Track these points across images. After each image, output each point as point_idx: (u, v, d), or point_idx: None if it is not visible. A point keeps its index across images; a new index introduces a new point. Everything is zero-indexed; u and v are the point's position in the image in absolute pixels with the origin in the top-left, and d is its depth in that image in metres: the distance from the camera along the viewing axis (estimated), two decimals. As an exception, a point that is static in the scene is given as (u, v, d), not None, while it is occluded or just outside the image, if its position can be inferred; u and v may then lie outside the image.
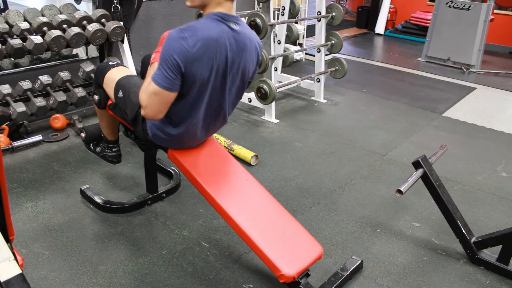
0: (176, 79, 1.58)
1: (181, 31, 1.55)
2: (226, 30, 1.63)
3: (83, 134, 2.36)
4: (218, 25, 1.62)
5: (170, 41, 1.55)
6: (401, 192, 1.88)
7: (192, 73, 1.59)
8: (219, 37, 1.61)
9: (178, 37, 1.54)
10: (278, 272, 1.67)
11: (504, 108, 4.18)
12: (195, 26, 1.58)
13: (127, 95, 1.91)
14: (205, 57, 1.58)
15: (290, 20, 3.97)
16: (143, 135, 1.93)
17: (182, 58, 1.54)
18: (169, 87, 1.58)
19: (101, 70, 2.07)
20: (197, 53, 1.55)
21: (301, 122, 3.60)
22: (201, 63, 1.58)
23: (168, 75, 1.56)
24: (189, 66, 1.56)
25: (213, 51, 1.59)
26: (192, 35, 1.55)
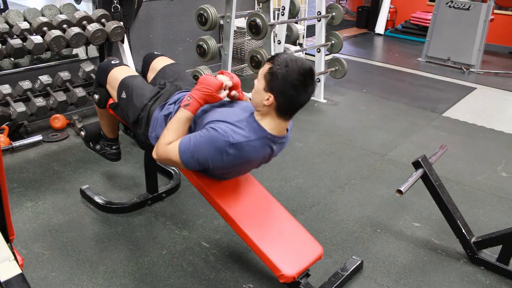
0: (196, 167, 1.61)
1: (229, 146, 1.51)
2: (268, 152, 1.64)
3: (83, 132, 2.36)
4: (264, 150, 1.62)
5: (212, 144, 1.52)
6: (401, 192, 1.88)
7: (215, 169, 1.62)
8: (257, 159, 1.64)
9: (223, 149, 1.52)
10: (278, 272, 1.67)
11: (504, 108, 4.18)
12: (246, 148, 1.55)
13: (130, 97, 1.90)
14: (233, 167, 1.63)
15: (290, 20, 3.97)
16: (144, 139, 1.93)
17: (214, 164, 1.57)
18: (186, 165, 1.60)
19: (103, 69, 2.05)
20: (228, 164, 1.58)
21: (301, 122, 3.60)
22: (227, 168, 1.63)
23: (194, 162, 1.57)
24: (214, 167, 1.60)
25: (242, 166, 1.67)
26: (236, 157, 1.55)
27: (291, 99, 1.53)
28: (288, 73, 1.49)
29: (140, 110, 1.86)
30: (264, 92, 1.53)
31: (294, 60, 1.50)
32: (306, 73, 1.51)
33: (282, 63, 1.49)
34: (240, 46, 4.65)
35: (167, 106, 1.81)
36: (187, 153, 1.56)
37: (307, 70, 1.51)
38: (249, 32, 3.40)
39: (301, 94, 1.53)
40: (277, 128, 1.60)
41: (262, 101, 1.54)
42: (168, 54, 2.43)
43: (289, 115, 1.61)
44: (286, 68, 1.49)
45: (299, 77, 1.49)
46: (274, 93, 1.51)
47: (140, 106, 1.86)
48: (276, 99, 1.52)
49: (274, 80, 1.50)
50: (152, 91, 1.91)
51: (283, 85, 1.50)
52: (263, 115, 1.58)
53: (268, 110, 1.56)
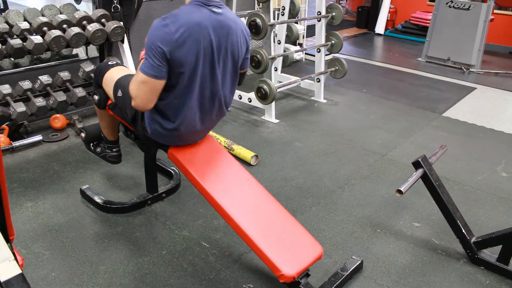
0: (162, 66, 1.60)
1: (163, 19, 1.59)
2: (208, 13, 1.66)
3: (83, 134, 2.36)
4: (199, 10, 1.65)
5: (153, 30, 1.60)
6: (401, 192, 1.88)
7: (177, 58, 1.61)
8: (201, 20, 1.64)
9: (161, 25, 1.58)
10: (278, 272, 1.67)
11: (504, 108, 4.18)
12: (177, 12, 1.62)
13: (127, 94, 1.91)
14: (189, 41, 1.60)
15: (290, 20, 3.97)
16: (143, 133, 1.93)
17: (166, 44, 1.57)
18: (156, 75, 1.61)
19: (100, 70, 2.08)
20: (180, 38, 1.58)
21: (301, 122, 3.60)
22: (185, 48, 1.61)
23: (154, 63, 1.59)
24: (174, 52, 1.59)
25: (196, 35, 1.62)
26: (174, 21, 1.59)
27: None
28: None
29: None
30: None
31: None
32: None
33: None
34: (240, 46, 4.64)
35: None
36: (145, 62, 1.60)
37: None
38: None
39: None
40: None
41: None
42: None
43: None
44: None
45: None
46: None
47: None
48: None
49: None
50: None
51: None
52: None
53: None
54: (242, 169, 2.02)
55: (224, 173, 2.00)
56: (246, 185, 1.96)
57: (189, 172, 1.89)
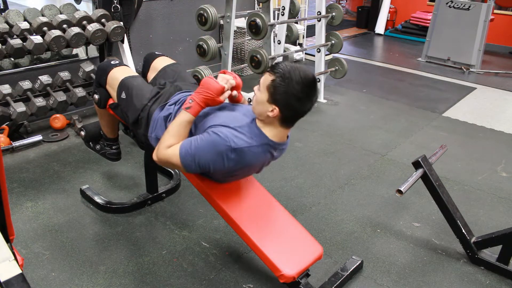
0: (198, 171, 1.61)
1: (231, 151, 1.51)
2: (268, 158, 1.65)
3: (82, 132, 2.36)
4: (265, 156, 1.62)
5: (213, 148, 1.52)
6: (401, 192, 1.88)
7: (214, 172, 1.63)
8: (258, 164, 1.66)
9: (224, 154, 1.52)
10: (278, 272, 1.67)
11: (504, 108, 4.18)
12: (247, 153, 1.55)
13: (130, 97, 1.90)
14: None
15: (290, 20, 3.97)
16: (144, 140, 1.93)
17: (214, 168, 1.56)
18: (187, 168, 1.59)
19: (103, 69, 2.05)
20: (229, 168, 1.58)
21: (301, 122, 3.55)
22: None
23: (195, 165, 1.57)
24: (216, 171, 1.61)
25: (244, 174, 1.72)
26: (237, 162, 1.56)
27: (296, 110, 1.54)
28: (292, 85, 1.48)
29: (139, 111, 1.86)
30: (268, 104, 1.52)
31: (296, 70, 1.49)
32: (310, 83, 1.50)
33: (285, 74, 1.48)
34: (240, 46, 4.65)
35: (167, 107, 1.81)
36: (188, 156, 1.55)
37: (311, 80, 1.51)
38: (249, 32, 3.40)
39: (305, 104, 1.53)
40: (278, 135, 1.60)
41: (266, 112, 1.53)
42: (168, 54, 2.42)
43: (291, 124, 1.62)
44: (289, 80, 1.47)
45: (302, 89, 1.49)
46: (279, 106, 1.51)
47: (139, 107, 1.86)
48: (281, 112, 1.52)
49: (278, 92, 1.49)
50: (151, 91, 1.91)
51: (287, 97, 1.49)
52: (265, 123, 1.58)
53: (271, 120, 1.56)
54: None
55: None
56: (246, 185, 1.95)
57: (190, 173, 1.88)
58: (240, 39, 4.56)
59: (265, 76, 1.53)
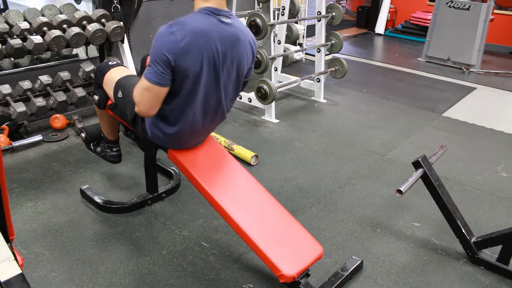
0: (166, 74, 1.59)
1: (170, 26, 1.57)
2: (216, 23, 1.64)
3: (83, 134, 2.36)
4: (207, 18, 1.63)
5: (159, 37, 1.57)
6: (401, 192, 1.88)
7: (182, 66, 1.59)
8: (209, 29, 1.62)
9: (167, 32, 1.56)
10: (278, 272, 1.67)
11: (504, 108, 4.18)
12: (184, 20, 1.60)
13: (127, 95, 1.91)
14: (194, 49, 1.59)
15: (290, 20, 3.97)
16: (143, 135, 1.93)
17: (171, 52, 1.56)
18: (159, 82, 1.60)
19: (101, 70, 2.07)
20: (186, 46, 1.57)
21: (301, 122, 3.60)
22: (190, 56, 1.59)
23: (158, 70, 1.58)
24: (178, 60, 1.57)
25: (202, 44, 1.60)
26: (181, 29, 1.57)
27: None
28: None
29: None
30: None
31: None
32: None
33: None
34: (240, 46, 4.64)
35: None
36: (149, 69, 1.59)
37: None
38: (249, 32, 3.40)
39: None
40: (213, 2, 1.65)
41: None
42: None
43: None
44: None
45: None
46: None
47: None
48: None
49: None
50: None
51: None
52: (201, 3, 1.66)
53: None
54: (242, 169, 2.02)
55: (224, 173, 2.00)
56: (246, 185, 1.96)
57: (189, 172, 1.89)
58: (240, 39, 4.55)
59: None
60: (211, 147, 2.06)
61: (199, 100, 1.72)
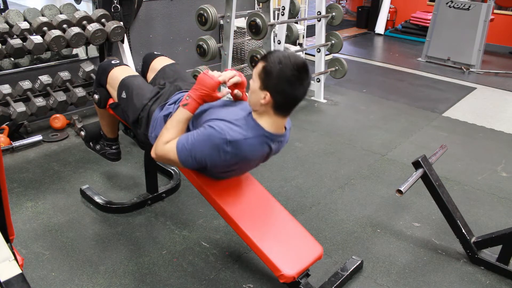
0: (195, 165, 1.60)
1: (226, 143, 1.51)
2: (266, 151, 1.64)
3: (82, 132, 2.37)
4: (262, 149, 1.61)
5: (209, 142, 1.52)
6: (401, 192, 1.88)
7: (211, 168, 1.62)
8: (257, 158, 1.64)
9: (220, 147, 1.51)
10: (278, 272, 1.67)
11: (504, 108, 4.18)
12: (243, 145, 1.54)
13: (130, 97, 1.90)
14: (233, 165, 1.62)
15: (290, 20, 3.97)
16: (144, 139, 1.93)
17: (212, 164, 1.57)
18: (184, 163, 1.60)
19: (103, 69, 2.05)
20: (226, 162, 1.57)
21: (301, 122, 3.60)
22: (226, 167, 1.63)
23: (192, 160, 1.57)
24: (213, 165, 1.59)
25: (243, 167, 1.68)
26: (234, 155, 1.54)
27: (288, 95, 1.53)
28: (282, 70, 1.48)
29: (140, 110, 1.86)
30: (260, 91, 1.52)
31: (287, 57, 1.50)
32: (300, 67, 1.50)
33: (275, 60, 1.49)
34: (240, 46, 4.65)
35: (167, 106, 1.81)
36: (184, 151, 1.56)
37: (301, 64, 1.50)
38: (249, 32, 3.40)
39: (297, 89, 1.53)
40: (274, 126, 1.60)
41: (259, 100, 1.53)
42: (168, 54, 2.43)
43: (286, 112, 1.61)
44: (279, 65, 1.48)
45: (293, 73, 1.49)
46: (270, 91, 1.51)
47: (140, 106, 1.86)
48: (273, 97, 1.52)
49: (269, 78, 1.50)
50: (152, 91, 1.91)
51: (278, 82, 1.49)
52: (260, 114, 1.58)
53: (265, 109, 1.56)
54: (242, 169, 2.02)
55: (224, 173, 1.99)
56: (246, 185, 1.95)
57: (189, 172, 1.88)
58: (240, 39, 4.56)
59: (258, 65, 1.55)
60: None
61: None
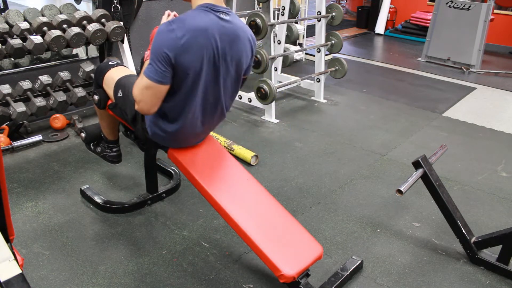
0: (167, 71, 1.59)
1: (169, 24, 1.57)
2: (216, 20, 1.64)
3: (83, 134, 2.37)
4: (206, 15, 1.63)
5: (159, 35, 1.57)
6: (401, 192, 1.88)
7: (182, 64, 1.59)
8: (208, 26, 1.62)
9: (167, 30, 1.56)
10: (278, 272, 1.67)
11: (504, 108, 4.18)
12: (183, 17, 1.60)
13: (127, 95, 1.91)
14: (194, 47, 1.59)
15: (290, 20, 3.97)
16: (143, 134, 1.93)
17: (171, 50, 1.56)
18: (160, 80, 1.60)
19: (101, 70, 2.07)
20: (186, 43, 1.57)
21: (301, 122, 3.60)
22: (191, 53, 1.59)
23: (159, 68, 1.57)
24: (179, 57, 1.57)
25: (202, 41, 1.60)
26: (180, 27, 1.57)
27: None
28: None
29: None
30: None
31: None
32: None
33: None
34: (240, 46, 4.64)
35: None
36: (150, 67, 1.59)
37: None
38: (249, 32, 3.40)
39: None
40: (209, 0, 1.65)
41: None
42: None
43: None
44: None
45: None
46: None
47: None
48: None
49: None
50: None
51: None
52: (194, 2, 1.67)
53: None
54: (242, 169, 2.02)
55: (224, 173, 2.00)
56: (246, 185, 1.96)
57: (189, 172, 1.89)
58: (240, 39, 4.55)
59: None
60: (211, 147, 2.06)
61: (198, 97, 1.72)
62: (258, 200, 1.92)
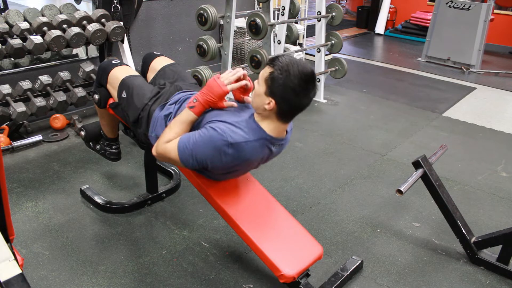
0: (195, 165, 1.59)
1: (228, 146, 1.51)
2: (267, 152, 1.63)
3: (83, 132, 2.37)
4: (263, 151, 1.61)
5: (211, 144, 1.51)
6: (401, 192, 1.88)
7: (217, 168, 1.62)
8: (256, 159, 1.63)
9: (221, 149, 1.51)
10: (278, 272, 1.67)
11: (504, 108, 4.18)
12: (244, 148, 1.53)
13: (130, 97, 1.90)
14: (233, 167, 1.62)
15: (290, 20, 3.97)
16: (144, 139, 1.93)
17: (212, 162, 1.55)
18: (185, 163, 1.59)
19: (104, 68, 2.05)
20: (227, 164, 1.57)
21: (301, 122, 3.59)
22: (227, 168, 1.62)
23: (193, 160, 1.56)
24: (214, 165, 1.58)
25: (242, 168, 1.67)
26: (235, 157, 1.54)
27: (293, 104, 1.52)
28: (289, 78, 1.47)
29: (140, 110, 1.86)
30: (265, 96, 1.52)
31: (295, 64, 1.48)
32: (308, 77, 1.49)
33: (283, 67, 1.47)
34: (240, 46, 4.65)
35: (167, 106, 1.81)
36: (186, 151, 1.55)
37: (309, 74, 1.49)
38: (249, 32, 3.40)
39: (303, 99, 1.52)
40: (276, 130, 1.59)
41: (263, 105, 1.53)
42: (168, 54, 2.43)
43: (289, 118, 1.60)
44: (287, 73, 1.47)
45: (300, 82, 1.47)
46: (275, 98, 1.50)
47: (140, 106, 1.87)
48: (277, 104, 1.51)
49: (275, 85, 1.49)
50: (152, 91, 1.91)
51: (284, 90, 1.48)
52: (263, 117, 1.58)
53: (268, 114, 1.55)
54: (242, 169, 2.02)
55: (224, 173, 1.99)
56: (246, 185, 1.95)
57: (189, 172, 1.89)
58: (240, 39, 4.56)
59: (265, 69, 1.54)
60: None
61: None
62: (258, 200, 1.92)
